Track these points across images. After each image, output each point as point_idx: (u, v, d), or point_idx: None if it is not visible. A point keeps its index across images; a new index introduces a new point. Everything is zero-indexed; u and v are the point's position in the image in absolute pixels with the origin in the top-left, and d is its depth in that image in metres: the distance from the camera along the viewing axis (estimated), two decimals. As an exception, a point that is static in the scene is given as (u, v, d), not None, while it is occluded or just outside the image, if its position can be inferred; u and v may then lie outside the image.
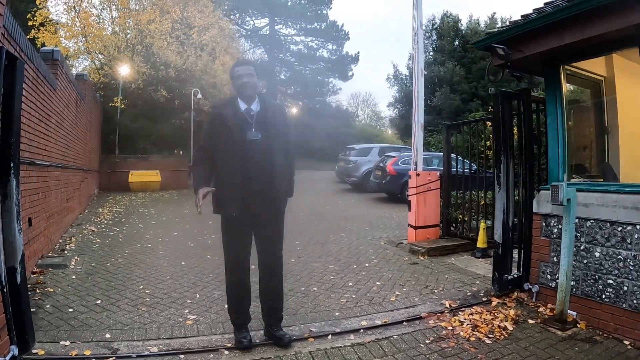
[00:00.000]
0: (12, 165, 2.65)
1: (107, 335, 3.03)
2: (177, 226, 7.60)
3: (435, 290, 4.05)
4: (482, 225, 5.16)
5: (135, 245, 5.93)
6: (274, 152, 2.83)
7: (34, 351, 2.68)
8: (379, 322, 3.29)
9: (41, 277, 4.28)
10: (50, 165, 5.50)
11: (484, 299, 3.74)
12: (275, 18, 29.88)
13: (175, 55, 12.71)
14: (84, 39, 12.17)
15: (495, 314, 3.37)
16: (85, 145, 9.40)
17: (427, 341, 2.97)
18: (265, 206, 2.84)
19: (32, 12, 11.84)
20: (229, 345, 2.88)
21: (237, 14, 28.13)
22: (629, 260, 2.99)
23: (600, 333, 3.08)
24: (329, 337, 3.05)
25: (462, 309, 3.53)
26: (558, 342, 2.94)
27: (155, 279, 4.43)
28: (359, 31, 66.54)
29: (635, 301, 2.94)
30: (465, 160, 5.92)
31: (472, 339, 2.98)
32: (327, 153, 25.99)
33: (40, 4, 11.69)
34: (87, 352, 2.71)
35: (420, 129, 5.78)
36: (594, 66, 3.60)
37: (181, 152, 14.88)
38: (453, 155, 6.01)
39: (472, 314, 3.38)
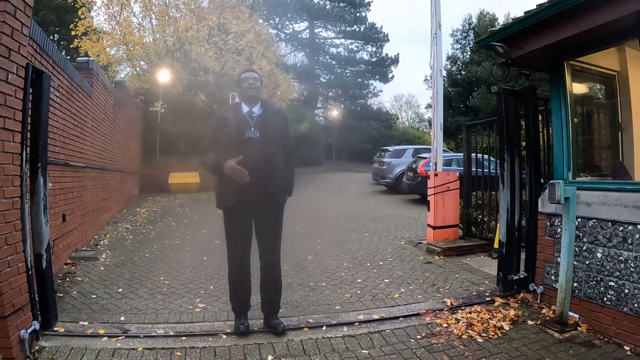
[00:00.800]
0: (39, 165, 3.03)
1: (122, 318, 3.35)
2: (208, 225, 7.95)
3: (441, 289, 4.05)
4: (499, 225, 5.03)
5: (164, 242, 6.32)
6: (272, 150, 2.99)
7: (55, 328, 3.02)
8: (375, 317, 3.36)
9: (73, 267, 4.73)
10: (86, 167, 5.99)
11: (487, 299, 3.69)
12: (315, 22, 30.31)
13: (213, 61, 13.29)
14: (124, 46, 13.03)
15: (494, 314, 3.32)
16: (125, 148, 9.96)
17: (419, 336, 3.01)
18: (262, 201, 2.99)
19: (75, 23, 12.85)
20: (229, 330, 3.09)
21: (277, 19, 28.87)
22: (630, 261, 2.85)
23: (601, 337, 2.95)
24: (324, 328, 3.17)
25: (463, 307, 3.51)
26: (552, 345, 2.86)
27: (176, 271, 4.75)
28: (401, 32, 65.71)
29: (636, 305, 2.80)
30: (485, 159, 5.79)
31: (464, 336, 2.98)
32: (368, 155, 26.07)
33: (82, 14, 12.68)
34: (101, 331, 3.02)
35: (440, 129, 5.74)
36: (605, 61, 3.45)
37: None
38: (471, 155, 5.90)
39: (470, 312, 3.36)
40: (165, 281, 4.39)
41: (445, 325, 3.18)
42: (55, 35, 23.97)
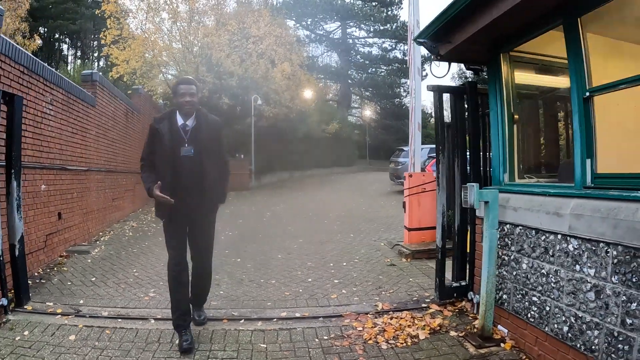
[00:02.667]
0: (12, 171, 3.55)
1: (81, 301, 3.78)
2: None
3: (383, 292, 3.99)
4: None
5: (157, 239, 6.62)
6: (206, 166, 3.08)
7: (25, 307, 3.54)
8: (298, 315, 3.44)
9: (65, 260, 5.23)
10: (89, 170, 6.43)
11: (423, 306, 3.59)
12: (346, 22, 30.17)
13: (236, 65, 13.74)
14: (152, 52, 13.75)
15: (416, 322, 3.23)
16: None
17: (325, 337, 3.04)
18: (196, 213, 3.14)
19: (103, 32, 13.84)
20: (159, 316, 3.39)
21: (309, 20, 29.06)
22: (551, 275, 2.62)
23: (524, 357, 2.74)
24: (242, 321, 3.34)
25: (391, 312, 3.46)
26: (459, 360, 2.73)
27: (150, 265, 5.09)
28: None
29: (556, 325, 2.56)
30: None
31: (370, 342, 2.95)
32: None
33: (109, 24, 13.59)
34: (59, 310, 3.49)
35: (418, 129, 5.60)
36: (556, 50, 3.12)
37: (242, 156, 15.85)
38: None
39: (392, 318, 3.30)
40: (135, 273, 4.74)
41: (360, 329, 3.16)
42: (94, 42, 25.98)
